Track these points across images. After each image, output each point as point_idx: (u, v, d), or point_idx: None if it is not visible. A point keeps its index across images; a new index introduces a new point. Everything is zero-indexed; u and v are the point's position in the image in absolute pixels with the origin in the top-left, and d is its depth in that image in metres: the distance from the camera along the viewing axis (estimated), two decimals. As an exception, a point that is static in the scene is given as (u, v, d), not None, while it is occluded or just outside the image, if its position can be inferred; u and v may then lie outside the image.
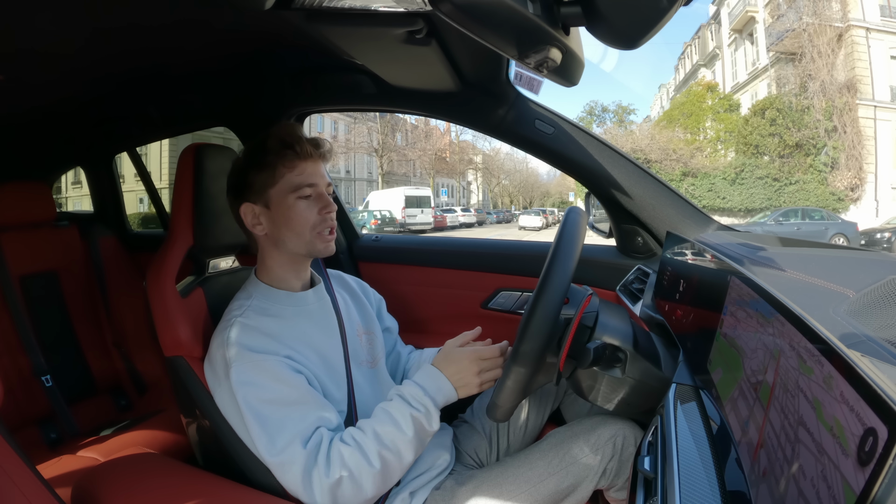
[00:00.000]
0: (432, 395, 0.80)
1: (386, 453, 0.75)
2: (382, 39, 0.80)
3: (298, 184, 0.83)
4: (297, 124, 0.90)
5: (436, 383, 0.81)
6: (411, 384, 0.81)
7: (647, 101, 46.10)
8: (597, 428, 0.87)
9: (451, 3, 0.54)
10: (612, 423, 0.87)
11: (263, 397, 0.75)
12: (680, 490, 0.46)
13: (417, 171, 31.99)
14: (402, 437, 0.76)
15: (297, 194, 0.83)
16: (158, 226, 2.11)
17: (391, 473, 0.77)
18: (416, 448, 0.78)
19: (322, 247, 0.86)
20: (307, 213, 0.84)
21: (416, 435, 0.77)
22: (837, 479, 0.30)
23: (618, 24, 0.56)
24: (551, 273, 0.68)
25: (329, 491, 0.72)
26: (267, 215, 0.85)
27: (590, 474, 0.84)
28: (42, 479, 0.62)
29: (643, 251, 1.22)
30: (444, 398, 0.81)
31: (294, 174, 0.83)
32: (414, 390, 0.80)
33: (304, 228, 0.84)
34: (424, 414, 0.78)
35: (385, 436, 0.76)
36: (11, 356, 1.36)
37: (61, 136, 1.68)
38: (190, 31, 0.95)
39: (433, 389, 0.80)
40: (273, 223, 0.85)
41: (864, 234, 11.38)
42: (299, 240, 0.84)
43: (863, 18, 14.84)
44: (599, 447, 0.85)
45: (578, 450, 0.85)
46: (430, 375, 0.82)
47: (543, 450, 0.88)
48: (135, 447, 1.21)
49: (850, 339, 0.35)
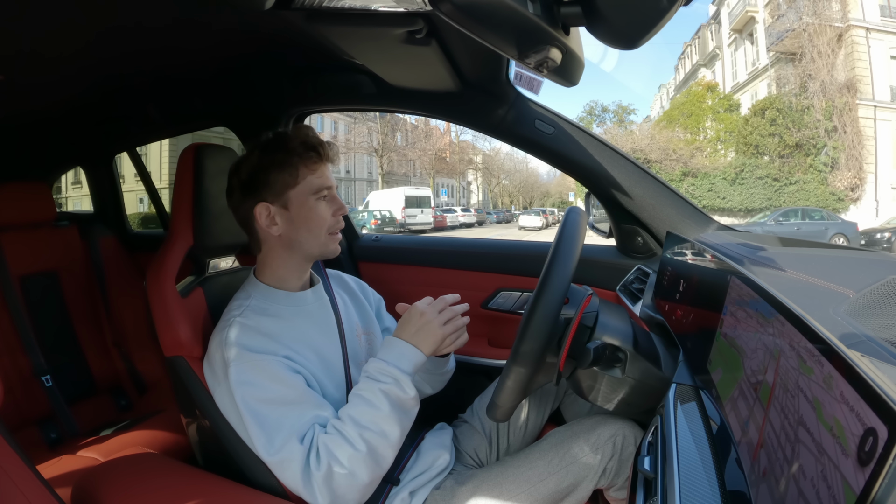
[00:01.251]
0: (395, 363, 0.79)
1: (368, 434, 0.74)
2: (382, 39, 0.80)
3: (319, 186, 0.85)
4: (309, 126, 0.90)
5: (396, 350, 0.81)
6: (373, 360, 0.81)
7: (647, 101, 46.17)
8: (597, 427, 0.87)
9: (451, 3, 0.54)
10: (612, 423, 0.87)
11: (261, 397, 0.75)
12: (680, 490, 0.46)
13: (417, 171, 31.99)
14: (379, 414, 0.76)
15: (317, 196, 0.85)
16: (158, 226, 2.11)
17: (380, 453, 0.76)
18: (399, 420, 0.77)
19: (334, 247, 0.88)
20: (325, 214, 0.86)
21: (392, 407, 0.77)
22: (837, 479, 0.30)
23: (618, 24, 0.56)
24: (551, 273, 0.68)
25: (324, 483, 0.72)
26: (284, 216, 0.85)
27: (590, 474, 0.84)
28: (42, 479, 0.62)
29: (643, 251, 1.22)
30: (409, 363, 0.80)
31: (315, 176, 0.84)
32: (377, 364, 0.80)
33: (321, 230, 0.85)
34: (394, 384, 0.78)
35: (361, 417, 0.75)
36: (11, 356, 1.36)
37: (61, 136, 1.68)
38: (190, 31, 0.95)
39: (394, 357, 0.80)
40: (291, 224, 0.85)
41: (864, 234, 11.38)
42: (315, 241, 0.86)
43: (863, 18, 14.84)
44: (599, 447, 0.85)
45: (578, 449, 0.85)
46: (388, 345, 0.82)
47: (543, 449, 0.88)
48: (135, 447, 1.21)
49: (850, 339, 0.35)
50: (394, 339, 0.83)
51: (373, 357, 0.82)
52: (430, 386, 1.00)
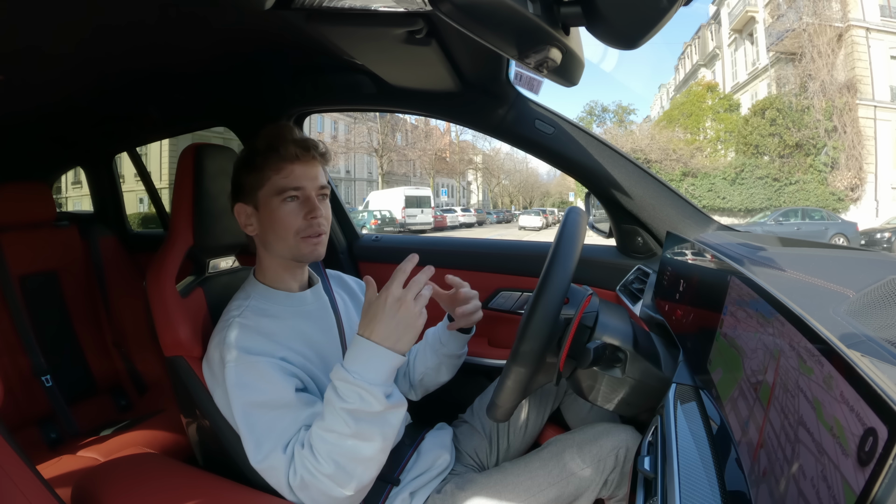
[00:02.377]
0: (363, 376, 0.67)
1: (335, 453, 0.68)
2: (382, 39, 0.80)
3: (283, 187, 0.81)
4: (289, 125, 0.88)
5: (365, 359, 0.68)
6: (338, 369, 0.69)
7: (647, 101, 46.16)
8: (599, 438, 0.86)
9: (451, 3, 0.54)
10: (614, 434, 0.86)
11: (255, 400, 0.74)
12: (680, 490, 0.46)
13: (417, 171, 31.99)
14: (345, 433, 0.67)
15: (282, 197, 0.82)
16: (158, 226, 2.11)
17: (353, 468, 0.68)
18: (373, 433, 0.68)
19: (308, 251, 0.84)
20: (291, 217, 0.82)
21: (360, 423, 0.67)
22: (837, 479, 0.30)
23: (618, 24, 0.56)
24: (551, 273, 0.68)
25: (302, 492, 0.71)
26: (256, 216, 0.85)
27: (591, 486, 0.83)
28: (42, 479, 0.62)
29: (643, 251, 1.22)
30: (382, 371, 0.68)
31: (280, 177, 0.82)
32: (340, 374, 0.68)
33: (287, 233, 0.82)
34: (359, 402, 0.67)
35: (327, 436, 0.68)
36: (11, 356, 1.36)
37: (61, 136, 1.68)
38: (190, 30, 0.95)
39: (362, 370, 0.68)
40: (261, 225, 0.85)
41: (864, 234, 11.37)
42: (283, 244, 0.84)
43: (863, 18, 14.84)
44: (601, 458, 0.84)
45: (580, 460, 0.84)
46: (356, 350, 0.69)
47: (544, 458, 0.87)
48: (135, 447, 1.21)
49: (850, 339, 0.35)
50: (361, 342, 0.69)
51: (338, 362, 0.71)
52: (448, 371, 0.99)
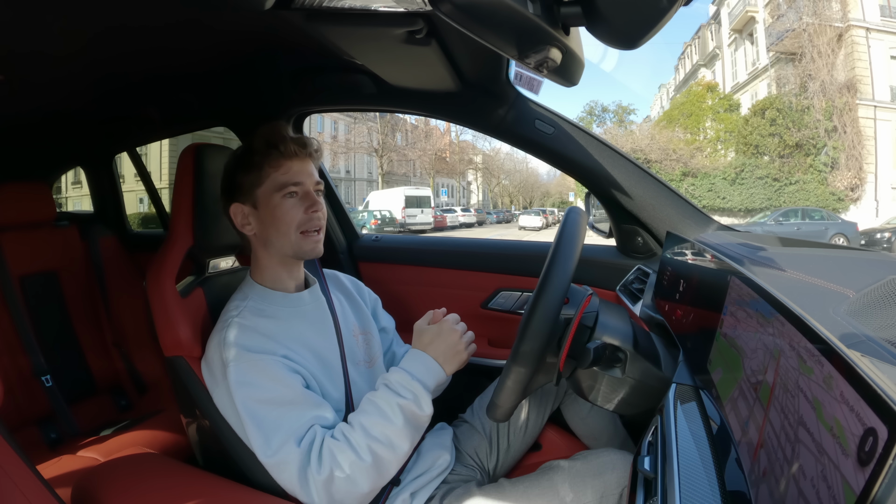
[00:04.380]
0: (420, 378, 0.78)
1: (376, 446, 0.74)
2: (382, 39, 0.80)
3: (283, 182, 0.83)
4: (283, 124, 0.89)
5: (423, 365, 0.80)
6: (397, 370, 0.80)
7: (647, 101, 46.12)
8: (604, 473, 0.82)
9: (451, 3, 0.54)
10: (620, 468, 0.82)
11: (260, 397, 0.75)
12: (680, 490, 0.46)
13: (417, 171, 31.99)
14: (392, 427, 0.75)
15: (283, 193, 0.83)
16: (158, 226, 2.11)
17: (385, 465, 0.75)
18: (409, 435, 0.77)
19: (309, 247, 0.85)
20: (293, 212, 0.84)
21: (406, 423, 0.76)
22: (837, 479, 0.30)
23: (618, 24, 0.56)
24: (551, 273, 0.68)
25: (323, 488, 0.72)
26: (255, 215, 0.86)
27: None
28: (42, 479, 0.62)
29: (643, 251, 1.22)
30: (433, 379, 0.80)
31: (279, 173, 0.83)
32: (400, 376, 0.79)
33: (289, 228, 0.84)
34: (413, 400, 0.77)
35: (373, 427, 0.75)
36: (11, 356, 1.36)
37: (61, 136, 1.68)
38: (190, 31, 0.95)
39: (420, 372, 0.79)
40: (261, 223, 0.85)
41: (864, 234, 11.37)
42: (285, 239, 0.84)
43: (863, 18, 14.84)
44: (606, 495, 0.80)
45: (581, 495, 0.81)
46: (415, 358, 0.81)
47: (544, 487, 0.83)
48: (135, 447, 1.21)
49: (850, 339, 0.35)
50: (420, 353, 0.81)
51: (396, 366, 0.81)
52: None
